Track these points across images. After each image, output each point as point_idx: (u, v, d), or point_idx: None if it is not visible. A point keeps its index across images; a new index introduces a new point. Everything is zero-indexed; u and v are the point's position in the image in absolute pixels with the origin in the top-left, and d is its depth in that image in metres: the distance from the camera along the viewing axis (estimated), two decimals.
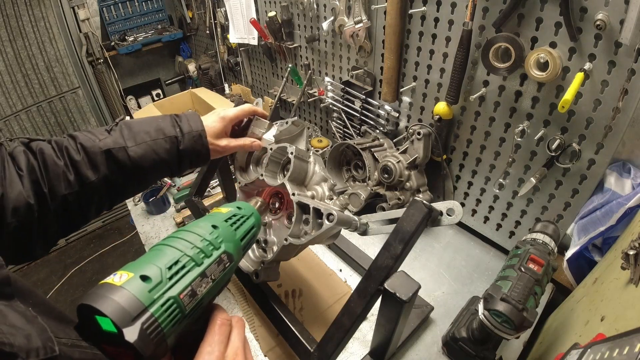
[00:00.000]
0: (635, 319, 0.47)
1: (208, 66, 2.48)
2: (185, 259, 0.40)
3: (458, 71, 0.96)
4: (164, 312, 0.36)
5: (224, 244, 0.45)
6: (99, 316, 0.33)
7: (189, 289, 0.39)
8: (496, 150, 1.04)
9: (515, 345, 0.89)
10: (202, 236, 0.44)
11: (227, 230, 0.47)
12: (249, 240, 0.51)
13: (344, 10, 1.26)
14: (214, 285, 0.42)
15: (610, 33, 0.72)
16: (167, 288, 0.37)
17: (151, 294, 0.36)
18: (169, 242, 0.42)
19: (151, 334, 0.34)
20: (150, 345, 0.34)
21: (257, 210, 0.57)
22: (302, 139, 0.91)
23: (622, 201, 0.77)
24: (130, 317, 0.33)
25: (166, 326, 0.36)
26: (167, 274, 0.38)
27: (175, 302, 0.37)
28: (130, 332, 0.33)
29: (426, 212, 0.64)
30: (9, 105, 2.39)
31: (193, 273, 0.40)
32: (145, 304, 0.35)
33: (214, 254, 0.43)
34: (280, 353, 0.91)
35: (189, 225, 0.46)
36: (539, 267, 0.71)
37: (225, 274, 0.45)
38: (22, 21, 2.30)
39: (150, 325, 0.34)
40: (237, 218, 0.51)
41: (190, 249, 0.41)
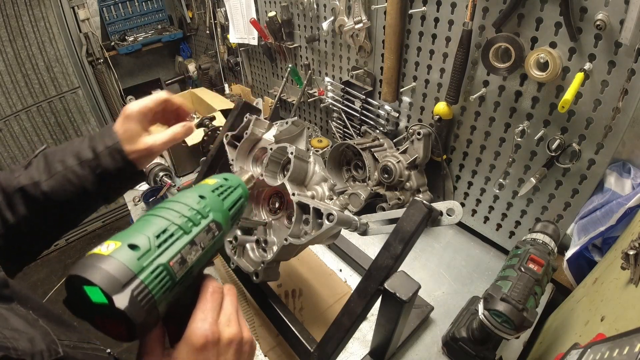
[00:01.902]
0: (635, 319, 0.47)
1: (208, 66, 2.48)
2: (174, 228, 0.40)
3: (458, 71, 0.96)
4: (154, 279, 0.36)
5: (212, 213, 0.45)
6: (88, 287, 0.33)
7: (178, 256, 0.39)
8: (496, 150, 1.04)
9: (515, 345, 0.89)
10: (190, 205, 0.43)
11: (215, 200, 0.47)
12: (237, 211, 0.51)
13: (344, 10, 1.26)
14: (203, 254, 0.42)
15: (610, 33, 0.72)
16: (156, 255, 0.37)
17: (140, 261, 0.35)
18: (157, 212, 0.42)
19: (142, 301, 0.34)
20: (141, 312, 0.34)
21: (245, 183, 0.57)
22: (302, 139, 0.90)
23: (622, 201, 0.77)
24: (119, 284, 0.33)
25: (157, 293, 0.36)
26: (155, 242, 0.38)
27: (165, 269, 0.37)
28: (120, 299, 0.33)
29: (426, 212, 0.64)
30: (9, 105, 2.39)
31: (182, 241, 0.40)
32: (134, 271, 0.34)
33: (203, 223, 0.43)
34: (280, 353, 0.91)
35: (177, 196, 0.45)
36: (539, 267, 0.71)
37: (214, 243, 0.45)
38: (22, 21, 2.30)
39: (141, 292, 0.34)
40: (225, 189, 0.51)
41: (178, 218, 0.41)
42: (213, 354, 0.41)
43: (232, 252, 0.89)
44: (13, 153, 2.50)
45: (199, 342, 0.40)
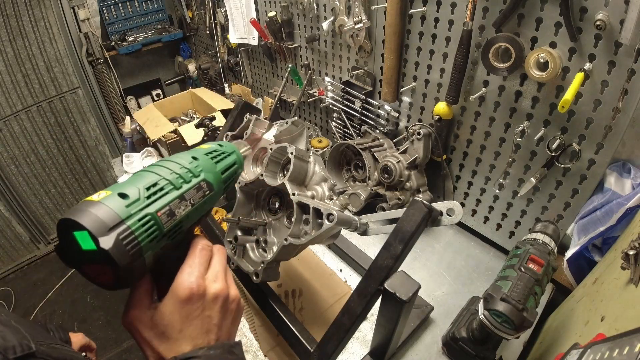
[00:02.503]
0: (635, 319, 0.47)
1: (208, 66, 2.48)
2: (164, 182, 0.42)
3: (458, 71, 0.96)
4: (141, 226, 0.37)
5: (203, 173, 0.46)
6: (78, 232, 0.34)
7: (166, 208, 0.40)
8: (496, 150, 1.04)
9: (515, 345, 0.89)
10: (182, 164, 0.45)
11: (207, 162, 0.49)
12: (230, 175, 0.52)
13: (344, 10, 1.26)
14: (193, 210, 0.44)
15: (610, 33, 0.72)
16: (144, 205, 0.38)
17: (128, 208, 0.37)
18: (150, 168, 0.43)
19: (127, 245, 0.35)
20: (125, 255, 0.35)
21: (242, 154, 0.58)
22: (302, 139, 0.91)
23: (622, 201, 0.77)
24: (106, 227, 0.34)
25: (143, 240, 0.37)
26: (145, 193, 0.39)
27: (152, 219, 0.38)
28: (105, 240, 0.34)
29: (426, 212, 0.64)
30: (9, 105, 2.39)
31: (171, 195, 0.41)
32: (121, 217, 0.36)
33: (193, 181, 0.45)
34: (280, 353, 0.91)
35: (171, 157, 0.47)
36: (539, 267, 0.71)
37: (205, 202, 0.46)
38: (22, 21, 2.29)
39: (127, 236, 0.36)
40: (218, 153, 0.52)
41: (170, 174, 0.43)
42: (198, 307, 0.42)
43: (232, 252, 0.89)
44: (13, 153, 2.50)
45: (184, 294, 0.41)
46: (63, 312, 2.46)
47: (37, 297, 2.55)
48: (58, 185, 2.82)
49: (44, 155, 2.67)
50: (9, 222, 2.60)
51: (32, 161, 2.62)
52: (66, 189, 2.88)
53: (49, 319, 2.41)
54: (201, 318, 0.42)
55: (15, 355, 0.39)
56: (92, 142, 2.90)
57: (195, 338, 0.42)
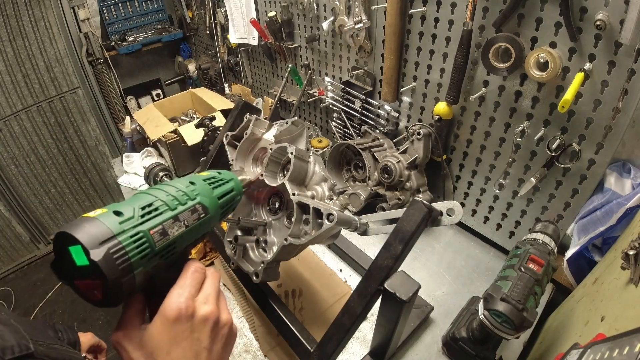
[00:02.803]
0: (635, 319, 0.47)
1: (208, 66, 2.48)
2: (159, 203, 0.43)
3: (458, 71, 0.96)
4: (132, 242, 0.38)
5: (199, 197, 0.48)
6: (72, 247, 0.35)
7: (159, 227, 0.41)
8: (496, 150, 1.04)
9: (515, 345, 0.89)
10: (178, 188, 0.47)
11: (204, 187, 0.50)
12: (227, 201, 0.54)
13: (344, 10, 1.26)
14: (187, 231, 0.45)
15: (610, 33, 0.72)
16: (137, 223, 0.40)
17: (121, 225, 0.38)
18: (148, 190, 0.45)
19: (117, 259, 0.36)
20: (115, 269, 0.36)
21: (241, 183, 0.60)
22: (302, 139, 0.90)
23: (622, 201, 0.77)
24: (97, 240, 0.36)
25: (134, 257, 0.38)
26: (139, 212, 0.41)
27: (144, 236, 0.39)
28: (96, 253, 0.35)
29: (426, 212, 0.64)
30: (9, 105, 2.39)
31: (165, 215, 0.43)
32: (114, 232, 0.37)
33: (189, 203, 0.46)
34: (280, 353, 0.91)
35: (169, 181, 0.49)
36: (539, 267, 0.71)
37: (200, 224, 0.47)
38: (22, 21, 2.29)
39: (117, 251, 0.37)
40: (216, 180, 0.54)
41: (165, 196, 0.44)
42: (186, 329, 0.42)
43: (232, 252, 0.89)
44: (13, 153, 2.50)
45: (172, 315, 0.41)
46: (63, 312, 2.46)
47: (37, 297, 2.55)
48: (58, 185, 2.82)
49: (44, 155, 2.67)
50: (9, 222, 2.60)
51: (32, 161, 2.62)
52: (66, 189, 2.88)
53: (49, 319, 2.41)
54: (190, 340, 0.42)
55: (14, 356, 0.40)
56: (92, 142, 2.90)
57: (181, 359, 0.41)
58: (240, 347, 0.94)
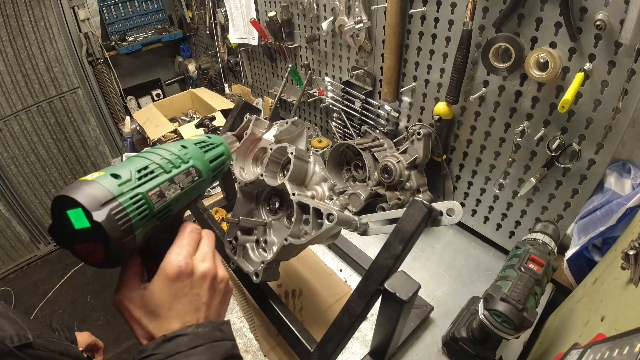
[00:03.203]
0: (635, 319, 0.47)
1: (208, 66, 2.48)
2: (154, 166, 0.44)
3: (458, 71, 0.96)
4: (132, 204, 0.39)
5: (192, 160, 0.49)
6: (71, 211, 0.36)
7: (157, 189, 0.42)
8: (496, 150, 1.04)
9: (515, 345, 0.89)
10: (172, 151, 0.47)
11: (196, 151, 0.51)
12: (218, 165, 0.55)
13: (344, 10, 1.26)
14: (182, 194, 0.46)
15: (610, 33, 0.72)
16: (135, 185, 0.40)
17: (120, 187, 0.39)
18: (142, 154, 0.46)
19: (119, 220, 0.37)
20: (117, 230, 0.37)
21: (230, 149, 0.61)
22: (302, 139, 0.90)
23: (622, 201, 0.77)
24: (99, 202, 0.36)
25: (134, 217, 0.39)
26: (136, 175, 0.41)
27: (143, 198, 0.40)
28: (99, 214, 0.36)
29: (426, 212, 0.64)
30: (9, 105, 2.39)
31: (161, 177, 0.43)
32: (114, 194, 0.38)
33: (182, 166, 0.47)
34: (280, 353, 0.91)
35: (161, 145, 0.49)
36: (539, 267, 0.71)
37: (194, 187, 0.48)
38: (22, 21, 2.29)
39: (119, 212, 0.37)
40: (207, 144, 0.54)
41: (160, 159, 0.45)
42: (186, 285, 0.43)
43: (232, 252, 0.89)
44: (13, 153, 2.50)
45: (172, 272, 0.42)
46: (63, 312, 2.46)
47: (37, 297, 2.55)
48: (58, 185, 2.82)
49: (44, 155, 2.67)
50: (9, 222, 2.60)
51: (32, 161, 2.62)
52: None
53: (49, 319, 2.41)
54: (189, 296, 0.43)
55: (13, 345, 0.40)
56: (92, 142, 2.90)
57: (184, 316, 0.43)
58: (240, 347, 0.93)
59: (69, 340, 0.82)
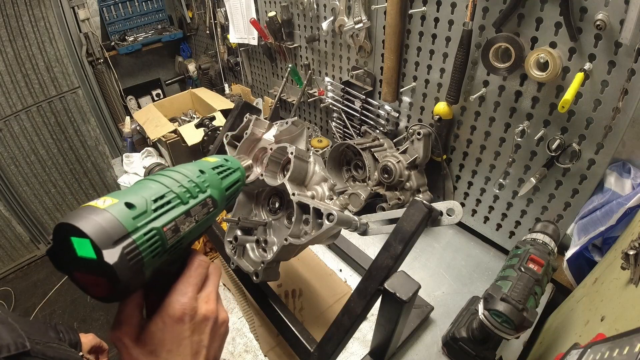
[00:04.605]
0: (635, 319, 0.47)
1: (208, 66, 2.48)
2: (172, 195, 0.40)
3: (458, 71, 0.96)
4: (146, 241, 0.35)
5: (210, 189, 0.45)
6: (76, 238, 0.32)
7: (172, 224, 0.38)
8: (496, 150, 1.04)
9: (515, 345, 0.89)
10: (190, 177, 0.43)
11: (214, 177, 0.47)
12: (233, 192, 0.51)
13: (344, 10, 1.26)
14: (196, 227, 0.42)
15: (610, 33, 0.72)
16: (151, 218, 0.36)
17: (135, 221, 0.35)
18: (156, 177, 0.41)
19: (131, 261, 0.33)
20: (128, 271, 0.33)
21: (245, 169, 0.57)
22: (302, 139, 0.90)
23: (622, 201, 0.77)
24: (111, 239, 0.32)
25: (146, 256, 0.35)
26: (152, 205, 0.37)
27: (158, 234, 0.36)
28: (110, 254, 0.32)
29: (426, 212, 0.64)
30: (9, 105, 2.39)
31: (178, 210, 0.39)
32: (128, 230, 0.34)
33: (200, 196, 0.43)
34: (280, 353, 0.91)
35: (177, 167, 0.45)
36: (539, 267, 0.71)
37: (208, 219, 0.44)
38: (22, 21, 2.29)
39: (131, 251, 0.34)
40: (225, 168, 0.50)
41: (177, 187, 0.41)
42: (188, 328, 0.42)
43: (232, 252, 0.89)
44: (13, 153, 2.50)
45: (176, 314, 0.41)
46: (63, 312, 2.46)
47: (37, 297, 2.55)
48: (58, 185, 2.82)
49: (44, 155, 2.67)
50: (9, 222, 2.60)
51: (32, 161, 2.62)
52: (66, 189, 2.88)
53: (49, 319, 2.41)
54: (191, 339, 0.42)
55: (9, 354, 0.40)
56: (92, 142, 2.90)
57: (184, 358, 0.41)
58: (240, 347, 0.94)
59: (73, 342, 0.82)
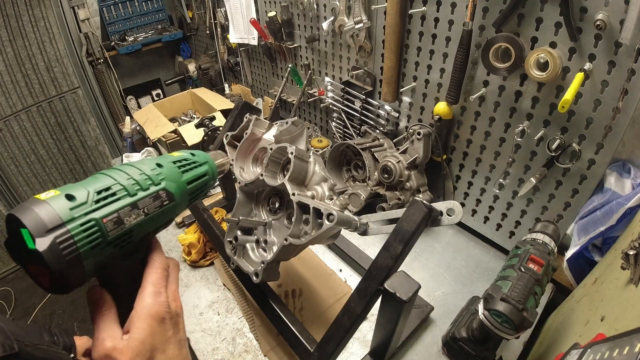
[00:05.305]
0: (635, 319, 0.47)
1: (208, 66, 2.48)
2: (118, 187, 0.40)
3: (458, 71, 0.96)
4: (82, 231, 0.35)
5: (165, 182, 0.44)
6: (24, 230, 0.33)
7: (114, 215, 0.38)
8: (496, 150, 1.04)
9: (515, 345, 0.89)
10: (142, 170, 0.43)
11: (173, 171, 0.46)
12: (198, 187, 0.49)
13: (344, 10, 1.26)
14: (147, 219, 0.41)
15: (610, 33, 0.72)
16: (90, 210, 0.36)
17: (72, 211, 0.35)
18: (108, 171, 0.41)
19: (64, 250, 0.34)
20: (61, 260, 0.34)
21: (218, 167, 0.55)
22: (302, 139, 0.90)
23: (622, 201, 0.77)
24: (45, 228, 0.33)
25: (83, 247, 0.35)
26: (94, 197, 0.37)
27: (96, 225, 0.36)
28: (41, 242, 0.33)
29: (426, 212, 0.64)
30: (9, 105, 2.39)
31: (122, 201, 0.39)
32: (63, 220, 0.34)
33: (151, 189, 0.42)
34: (280, 353, 0.91)
35: (134, 162, 0.45)
36: (539, 267, 0.71)
37: (163, 212, 0.43)
38: (22, 21, 2.29)
39: (65, 240, 0.34)
40: (187, 162, 0.49)
41: (126, 180, 0.41)
42: (170, 327, 0.42)
43: (232, 252, 0.89)
44: (13, 153, 2.50)
45: (159, 315, 0.41)
46: (63, 312, 2.46)
47: (37, 297, 2.55)
48: (58, 185, 2.81)
49: (44, 155, 2.67)
50: None
51: (32, 161, 2.62)
52: None
53: (49, 319, 2.41)
54: (175, 337, 0.43)
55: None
56: (92, 142, 2.90)
57: (176, 356, 0.42)
58: (240, 347, 0.94)
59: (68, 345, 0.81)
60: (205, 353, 0.92)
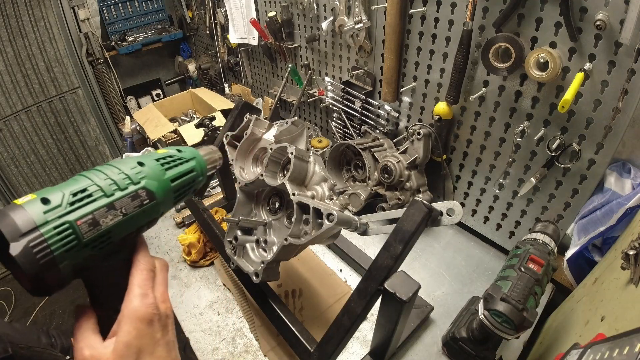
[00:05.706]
0: (635, 319, 0.47)
1: (208, 66, 2.48)
2: (94, 189, 0.39)
3: (458, 71, 0.96)
4: (56, 234, 0.35)
5: (145, 180, 0.43)
6: None
7: (89, 217, 0.37)
8: (496, 150, 1.04)
9: (515, 345, 0.89)
10: (121, 170, 0.42)
11: (155, 168, 0.45)
12: (183, 184, 0.48)
13: (344, 10, 1.26)
14: (125, 220, 0.40)
15: (610, 33, 0.72)
16: (64, 212, 0.36)
17: (45, 215, 0.35)
18: (87, 172, 0.41)
19: (37, 254, 0.34)
20: (34, 264, 0.34)
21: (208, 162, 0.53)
22: (302, 139, 0.91)
23: (622, 201, 0.77)
24: (19, 232, 0.34)
25: (57, 250, 0.35)
26: (69, 199, 0.37)
27: (70, 228, 0.36)
28: (15, 246, 0.33)
29: (426, 212, 0.64)
30: (9, 105, 2.39)
31: (98, 202, 0.39)
32: (36, 223, 0.34)
33: (130, 188, 0.41)
34: (280, 353, 0.91)
35: (115, 161, 0.44)
36: (539, 267, 0.71)
37: (143, 212, 0.42)
38: (22, 21, 2.29)
39: (38, 244, 0.34)
40: (172, 159, 0.47)
41: (103, 180, 0.40)
42: (159, 329, 0.42)
43: (232, 252, 0.89)
44: (13, 153, 2.50)
45: (146, 317, 0.40)
46: (63, 312, 2.46)
47: (36, 298, 2.55)
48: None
49: (44, 155, 2.67)
50: None
51: (32, 161, 2.62)
52: None
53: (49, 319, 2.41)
54: (163, 339, 0.42)
55: None
56: (92, 142, 2.90)
57: (165, 359, 0.42)
58: (240, 347, 0.94)
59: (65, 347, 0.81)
60: (205, 353, 0.93)
